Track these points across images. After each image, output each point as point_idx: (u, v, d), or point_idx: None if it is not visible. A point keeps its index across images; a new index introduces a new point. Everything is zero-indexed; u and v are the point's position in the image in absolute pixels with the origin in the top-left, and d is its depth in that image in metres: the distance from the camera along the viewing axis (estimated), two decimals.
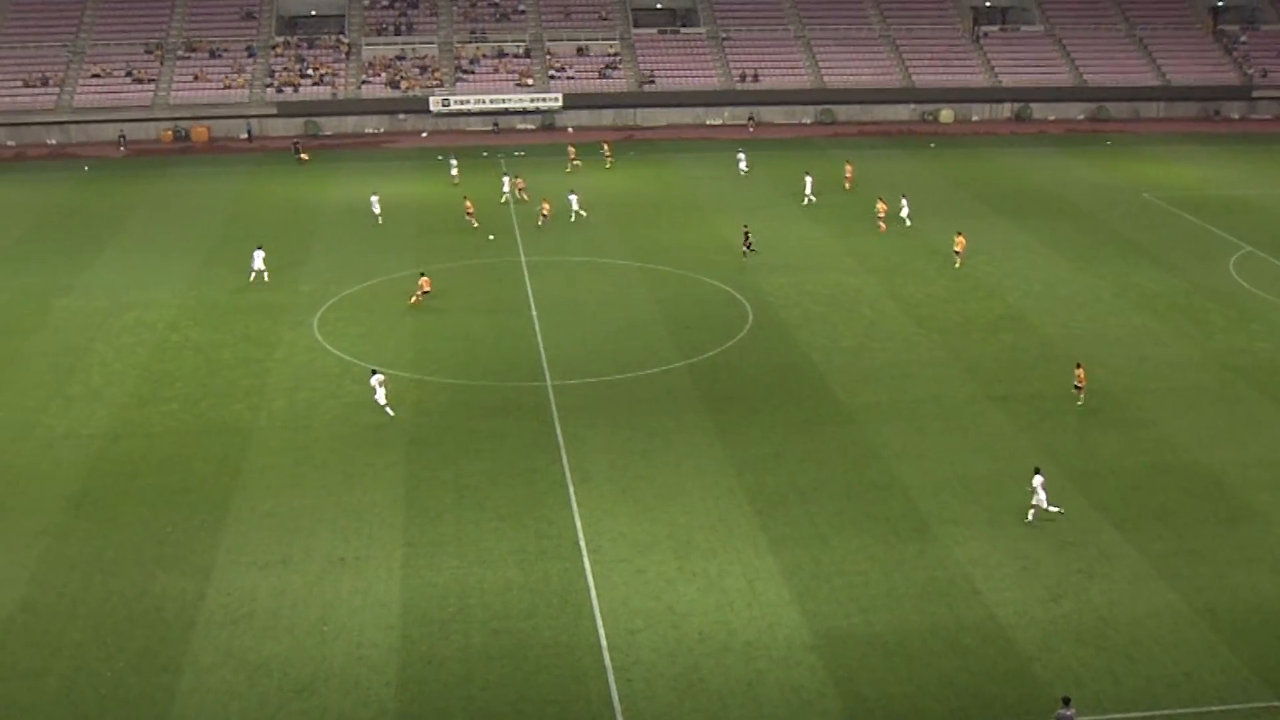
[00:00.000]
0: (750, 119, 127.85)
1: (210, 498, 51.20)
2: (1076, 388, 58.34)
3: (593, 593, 43.99)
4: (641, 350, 65.86)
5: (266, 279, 77.14)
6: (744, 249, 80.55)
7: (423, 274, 73.42)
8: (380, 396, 58.70)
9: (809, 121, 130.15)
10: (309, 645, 41.44)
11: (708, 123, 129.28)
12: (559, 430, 56.52)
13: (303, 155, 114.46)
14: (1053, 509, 48.42)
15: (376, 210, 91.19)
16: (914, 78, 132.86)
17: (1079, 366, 58.93)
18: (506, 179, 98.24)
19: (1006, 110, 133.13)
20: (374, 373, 59.77)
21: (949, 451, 54.16)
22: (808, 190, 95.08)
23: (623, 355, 65.20)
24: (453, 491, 51.10)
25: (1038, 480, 48.34)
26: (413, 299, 72.25)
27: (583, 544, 47.07)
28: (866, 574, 44.87)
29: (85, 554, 47.31)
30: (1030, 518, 48.41)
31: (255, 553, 47.03)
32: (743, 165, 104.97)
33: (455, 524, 48.60)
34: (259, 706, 38.57)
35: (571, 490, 51.06)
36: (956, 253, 78.78)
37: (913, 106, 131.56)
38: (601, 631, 41.80)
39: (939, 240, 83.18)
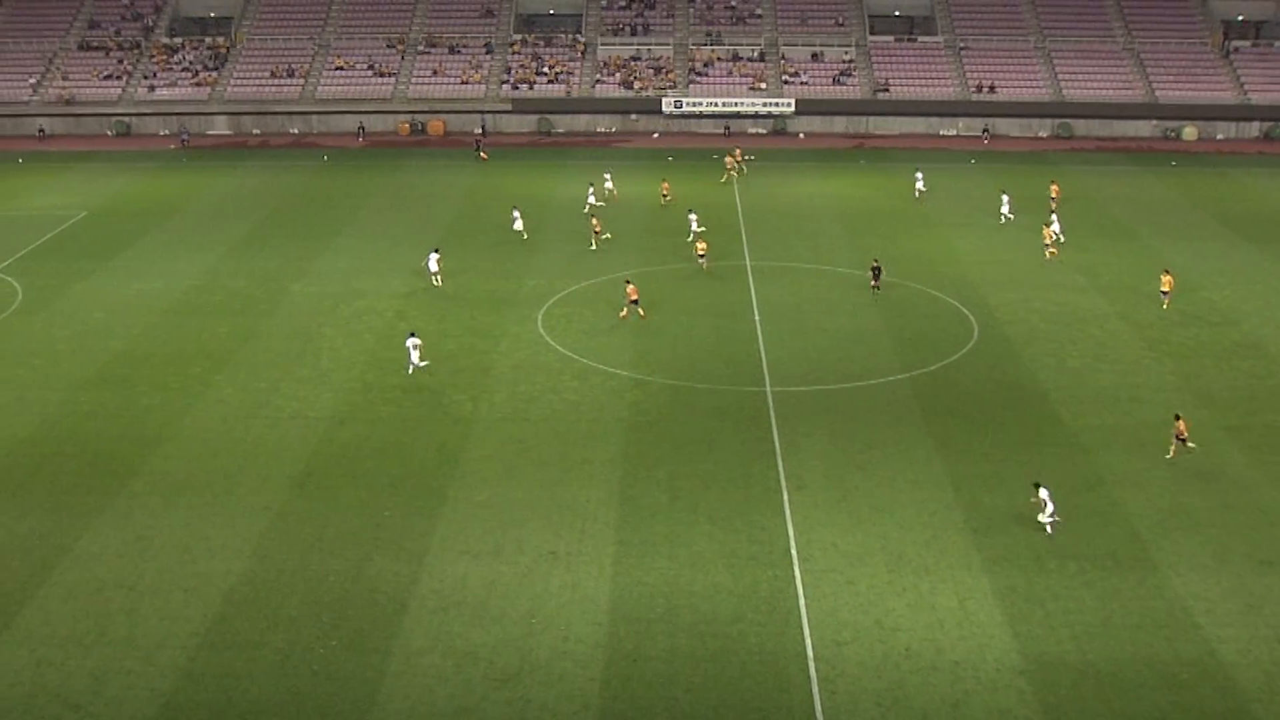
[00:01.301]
0: (985, 131, 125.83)
1: (428, 485, 52.17)
2: (1179, 439, 53.85)
3: (801, 602, 43.66)
4: (863, 360, 65.23)
5: (440, 282, 77.59)
6: (873, 285, 75.65)
7: (628, 281, 73.06)
8: (415, 357, 63.51)
9: (1045, 135, 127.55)
10: (516, 636, 41.89)
11: (941, 133, 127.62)
12: (776, 436, 56.25)
13: (483, 154, 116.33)
14: (1050, 520, 48.33)
15: (518, 226, 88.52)
16: (1157, 93, 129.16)
17: (1179, 419, 54.60)
18: (609, 178, 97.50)
19: (1255, 129, 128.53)
20: (411, 335, 64.59)
21: (1175, 481, 52.44)
22: (1004, 209, 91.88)
23: (844, 364, 64.66)
24: (667, 492, 51.20)
25: (1043, 493, 48.31)
26: (624, 312, 70.76)
27: (794, 552, 46.73)
28: (1082, 600, 43.74)
29: (305, 532, 48.60)
30: (1049, 530, 48.11)
31: (469, 541, 47.73)
32: (920, 185, 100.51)
33: (668, 524, 48.69)
34: (464, 693, 39.11)
35: (786, 497, 50.76)
36: (1164, 293, 73.39)
37: (1154, 123, 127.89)
38: (808, 641, 41.47)
39: (1174, 262, 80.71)
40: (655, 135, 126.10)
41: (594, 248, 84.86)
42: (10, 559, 47.17)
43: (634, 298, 70.43)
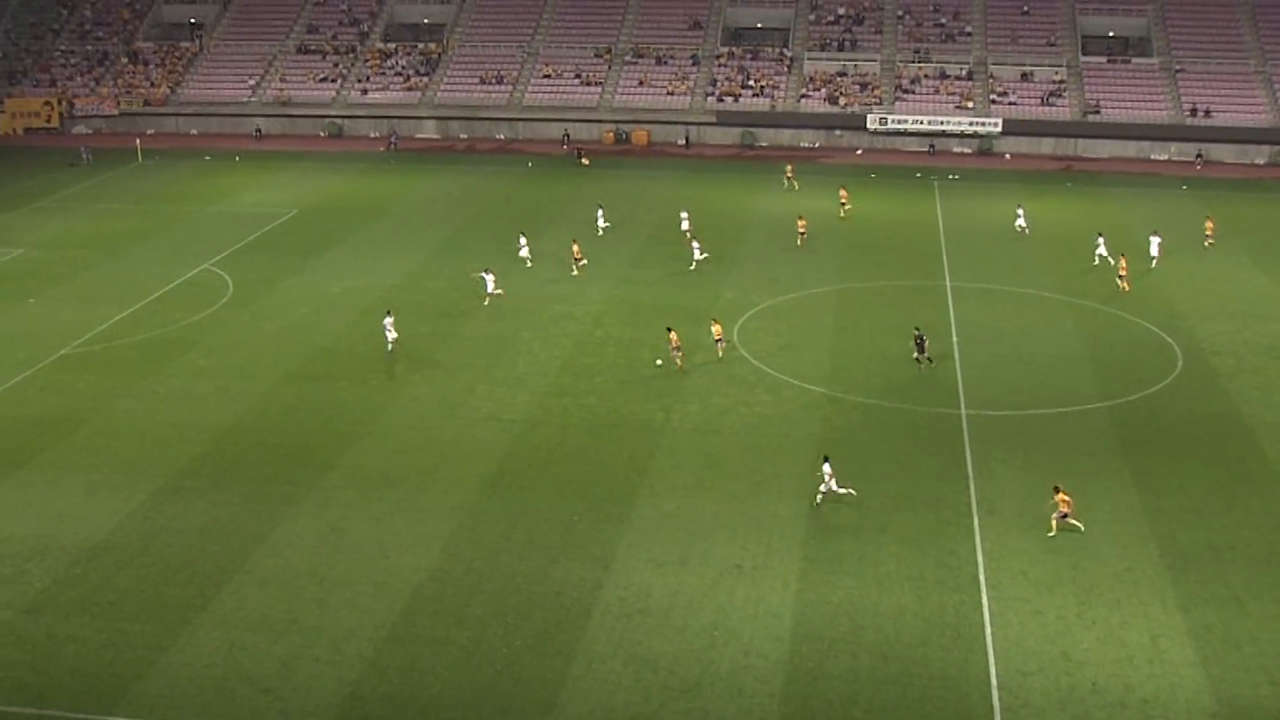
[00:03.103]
0: (1198, 156, 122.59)
1: (617, 492, 52.49)
2: (1062, 515, 49.36)
3: (988, 629, 42.99)
4: (1061, 387, 63.95)
5: (500, 291, 76.44)
6: (916, 357, 66.68)
7: (669, 328, 68.07)
8: (390, 333, 67.73)
9: (1262, 162, 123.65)
10: (698, 647, 41.89)
11: (1151, 158, 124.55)
12: (969, 460, 55.45)
13: (584, 160, 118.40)
14: (842, 490, 51.25)
15: (524, 254, 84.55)
16: None
17: (1059, 490, 49.94)
18: (686, 216, 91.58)
19: None
20: (388, 314, 68.83)
21: None
22: (1153, 251, 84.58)
23: (1041, 390, 63.47)
24: (855, 511, 50.73)
25: (826, 468, 51.02)
26: (659, 361, 67.07)
27: (982, 578, 46.02)
28: None
29: (494, 533, 49.23)
30: (819, 501, 51.10)
31: (655, 550, 47.89)
32: (1021, 222, 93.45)
33: (855, 543, 48.30)
34: (643, 700, 39.23)
35: (976, 523, 50.00)
36: None
37: None
38: (993, 670, 40.81)
39: None
40: (859, 152, 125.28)
41: (575, 273, 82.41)
42: (210, 543, 48.61)
43: (676, 345, 66.12)
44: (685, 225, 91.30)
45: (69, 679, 40.76)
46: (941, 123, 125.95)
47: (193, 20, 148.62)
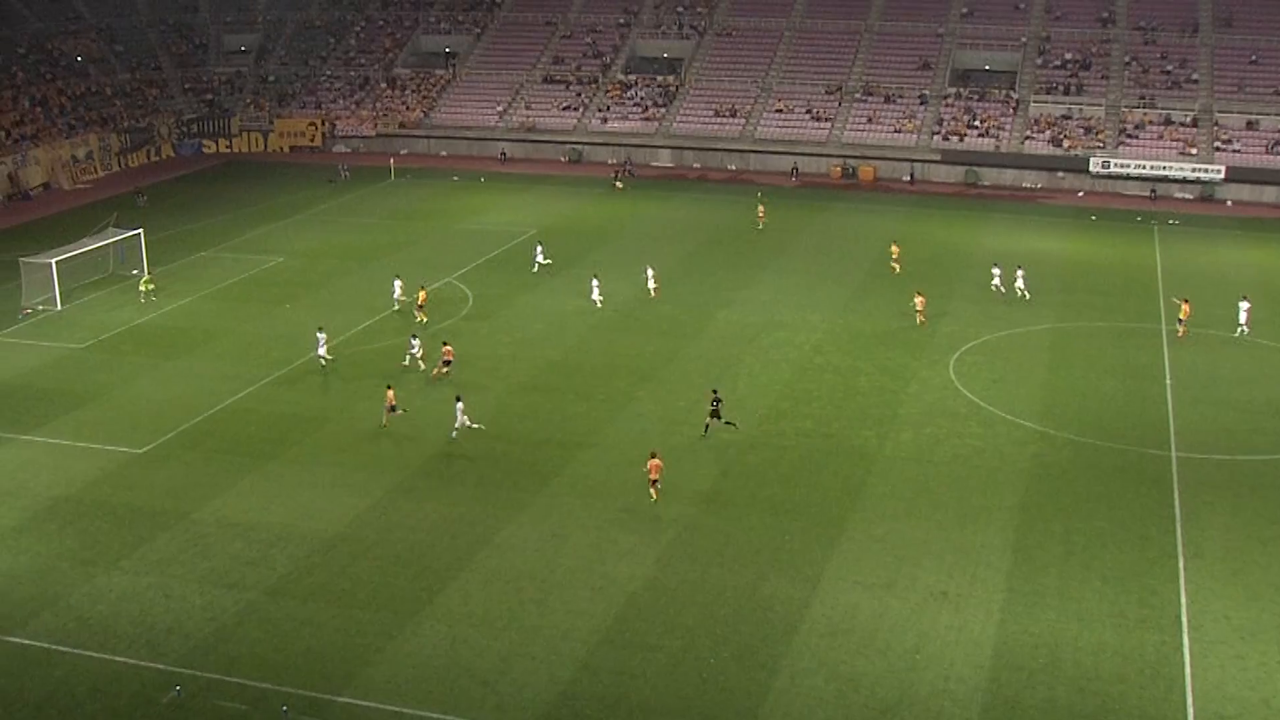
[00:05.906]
0: None
1: (828, 514, 53.86)
2: (653, 481, 52.42)
3: (1187, 670, 43.19)
4: (1275, 433, 63.46)
5: (421, 355, 71.50)
6: (708, 421, 62.43)
7: (445, 343, 70.59)
8: (322, 351, 70.64)
9: None
10: (899, 669, 42.95)
11: None
12: (1177, 502, 55.55)
13: (618, 184, 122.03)
14: (474, 425, 60.36)
15: (397, 294, 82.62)
16: None
17: (654, 455, 52.68)
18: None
19: None
20: (320, 329, 71.77)
21: None
22: (1242, 321, 79.50)
23: (1256, 436, 63.06)
24: (1061, 545, 51.44)
25: (459, 406, 59.98)
26: (435, 371, 68.98)
27: (1184, 620, 46.24)
28: None
29: (708, 547, 51.03)
30: (453, 435, 60.21)
31: (862, 573, 49.08)
32: (1020, 284, 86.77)
33: (1059, 578, 48.95)
34: (843, 718, 40.42)
35: (1181, 564, 50.17)
36: None
37: None
38: (1190, 712, 40.98)
39: None
40: (1080, 195, 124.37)
41: (420, 319, 79.17)
42: (439, 542, 51.45)
43: (448, 358, 69.24)
44: (650, 281, 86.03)
45: (303, 659, 43.58)
46: (1164, 168, 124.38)
47: (448, 50, 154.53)
